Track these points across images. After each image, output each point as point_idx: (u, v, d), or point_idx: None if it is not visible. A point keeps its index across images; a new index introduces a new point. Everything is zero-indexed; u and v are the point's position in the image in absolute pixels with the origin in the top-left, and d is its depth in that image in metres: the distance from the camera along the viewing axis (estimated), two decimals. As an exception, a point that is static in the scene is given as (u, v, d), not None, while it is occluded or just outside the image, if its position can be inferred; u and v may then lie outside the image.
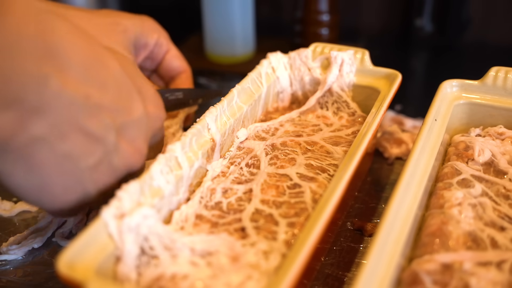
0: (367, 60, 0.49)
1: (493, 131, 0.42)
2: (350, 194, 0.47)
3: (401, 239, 0.29)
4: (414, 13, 0.85)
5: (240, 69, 0.72)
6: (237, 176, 0.40)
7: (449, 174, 0.38)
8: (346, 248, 0.42)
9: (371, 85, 0.48)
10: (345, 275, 0.39)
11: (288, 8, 0.89)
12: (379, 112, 0.41)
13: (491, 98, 0.44)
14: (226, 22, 0.73)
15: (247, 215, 0.35)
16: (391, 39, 0.89)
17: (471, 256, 0.31)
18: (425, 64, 0.85)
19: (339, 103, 0.48)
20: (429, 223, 0.34)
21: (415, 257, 0.31)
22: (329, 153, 0.42)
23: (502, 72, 0.44)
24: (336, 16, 0.76)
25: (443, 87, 0.44)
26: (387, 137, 0.55)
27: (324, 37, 0.76)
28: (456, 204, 0.34)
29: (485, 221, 0.34)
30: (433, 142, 0.38)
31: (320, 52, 0.50)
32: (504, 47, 0.83)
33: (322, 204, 0.32)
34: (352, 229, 0.44)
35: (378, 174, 0.52)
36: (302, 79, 0.50)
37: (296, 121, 0.48)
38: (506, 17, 0.82)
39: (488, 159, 0.39)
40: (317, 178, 0.38)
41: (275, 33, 0.86)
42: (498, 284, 0.29)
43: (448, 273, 0.29)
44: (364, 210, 0.46)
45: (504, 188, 0.36)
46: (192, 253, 0.32)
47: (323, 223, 0.30)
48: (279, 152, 0.42)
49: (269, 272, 0.31)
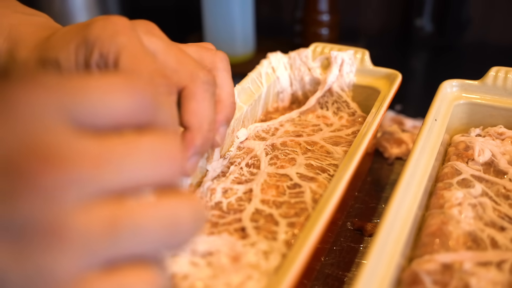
0: (367, 60, 0.49)
1: (493, 131, 0.42)
2: (350, 194, 0.47)
3: (401, 239, 0.29)
4: (414, 13, 0.85)
5: (240, 69, 0.71)
6: (237, 176, 0.40)
7: (449, 174, 0.38)
8: (346, 248, 0.42)
9: (371, 85, 0.48)
10: (345, 275, 0.39)
11: (288, 8, 0.89)
12: (379, 112, 0.41)
13: (491, 98, 0.44)
14: (226, 22, 0.73)
15: (247, 215, 0.35)
16: (391, 39, 0.89)
17: (471, 256, 0.31)
18: (425, 64, 0.85)
19: (339, 103, 0.48)
20: (429, 223, 0.34)
21: (415, 257, 0.31)
22: (329, 153, 0.42)
23: (502, 72, 0.44)
24: (336, 16, 0.76)
25: (443, 87, 0.44)
26: (387, 137, 0.55)
27: (324, 37, 0.76)
28: (456, 204, 0.34)
29: (485, 221, 0.34)
30: (433, 142, 0.38)
31: (320, 52, 0.50)
32: (504, 47, 0.83)
33: (322, 204, 0.32)
34: (352, 229, 0.44)
35: (378, 174, 0.52)
36: (302, 79, 0.50)
37: (296, 121, 0.48)
38: (506, 17, 0.82)
39: (488, 159, 0.39)
40: (317, 178, 0.38)
41: (275, 33, 0.87)
42: (498, 284, 0.29)
43: (448, 273, 0.29)
44: (364, 210, 0.46)
45: (504, 188, 0.36)
46: (193, 253, 0.32)
47: (323, 223, 0.30)
48: (279, 152, 0.42)
49: (269, 272, 0.31)
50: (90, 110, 0.20)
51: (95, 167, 0.18)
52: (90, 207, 0.18)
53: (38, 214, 0.17)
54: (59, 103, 0.19)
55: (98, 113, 0.20)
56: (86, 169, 0.18)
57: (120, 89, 0.20)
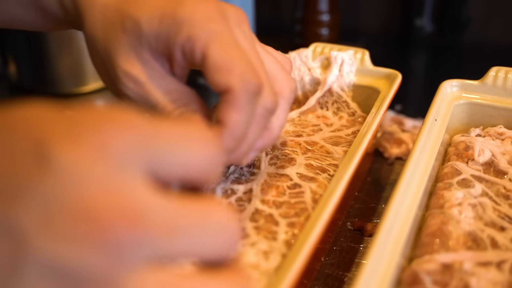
0: (367, 60, 0.49)
1: (493, 131, 0.42)
2: (350, 194, 0.47)
3: (401, 239, 0.29)
4: (414, 13, 0.85)
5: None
6: (237, 176, 0.40)
7: (449, 174, 0.38)
8: (346, 248, 0.42)
9: (371, 85, 0.48)
10: (345, 275, 0.39)
11: (288, 8, 0.89)
12: (379, 112, 0.41)
13: (491, 98, 0.44)
14: (226, 22, 0.73)
15: (247, 215, 0.35)
16: (391, 39, 0.89)
17: (471, 256, 0.31)
18: (425, 64, 0.85)
19: (339, 103, 0.48)
20: (429, 223, 0.34)
21: (415, 257, 0.31)
22: (329, 153, 0.42)
23: (502, 72, 0.44)
24: (336, 16, 0.76)
25: (443, 87, 0.44)
26: (387, 137, 0.55)
27: (324, 37, 0.76)
28: (456, 204, 0.34)
29: (485, 221, 0.34)
30: (433, 142, 0.38)
31: (320, 52, 0.50)
32: (504, 47, 0.83)
33: (322, 204, 0.32)
34: (352, 229, 0.44)
35: (378, 174, 0.52)
36: (302, 79, 0.50)
37: (296, 121, 0.48)
38: (506, 17, 0.82)
39: (488, 159, 0.39)
40: (317, 178, 0.38)
41: (275, 33, 0.87)
42: (498, 284, 0.29)
43: (448, 273, 0.29)
44: (364, 210, 0.46)
45: (504, 188, 0.36)
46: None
47: (323, 223, 0.30)
48: (279, 152, 0.42)
49: (269, 272, 0.31)
50: (169, 161, 0.19)
51: (167, 233, 0.18)
52: (150, 269, 0.18)
53: (100, 266, 0.17)
54: (142, 148, 0.19)
55: (176, 166, 0.20)
56: (159, 234, 0.18)
57: (202, 145, 0.20)
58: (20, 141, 0.18)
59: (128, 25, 0.32)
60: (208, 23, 0.30)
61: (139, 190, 0.18)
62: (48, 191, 0.17)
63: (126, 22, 0.32)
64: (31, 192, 0.17)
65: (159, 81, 0.32)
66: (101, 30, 0.33)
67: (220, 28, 0.30)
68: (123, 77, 0.32)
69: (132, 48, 0.32)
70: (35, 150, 0.18)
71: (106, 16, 0.33)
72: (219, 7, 0.31)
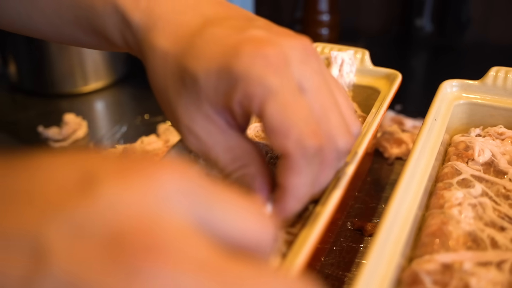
0: (367, 60, 0.49)
1: (493, 131, 0.42)
2: (350, 194, 0.47)
3: (401, 239, 0.29)
4: (414, 13, 0.85)
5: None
6: (237, 176, 0.40)
7: (449, 174, 0.38)
8: (346, 248, 0.42)
9: (371, 85, 0.48)
10: (345, 275, 0.39)
11: (288, 8, 0.89)
12: (379, 112, 0.41)
13: (491, 98, 0.44)
14: (226, 22, 0.73)
15: (247, 215, 0.35)
16: (391, 39, 0.89)
17: (471, 256, 0.31)
18: (425, 64, 0.85)
19: (339, 103, 0.48)
20: (429, 223, 0.34)
21: (415, 257, 0.31)
22: (329, 153, 0.42)
23: (502, 72, 0.44)
24: (336, 16, 0.76)
25: (443, 87, 0.44)
26: (387, 137, 0.55)
27: (324, 37, 0.76)
28: (456, 204, 0.34)
29: (485, 221, 0.34)
30: (433, 142, 0.38)
31: (320, 52, 0.50)
32: (504, 47, 0.83)
33: (322, 204, 0.32)
34: (352, 229, 0.44)
35: (378, 174, 0.52)
36: (302, 79, 0.50)
37: (296, 121, 0.48)
38: (506, 17, 0.82)
39: (488, 159, 0.39)
40: (317, 178, 0.38)
41: (275, 33, 0.86)
42: (498, 284, 0.29)
43: (448, 273, 0.29)
44: (364, 210, 0.46)
45: (504, 188, 0.36)
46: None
47: (323, 223, 0.30)
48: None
49: (269, 272, 0.31)
50: (220, 218, 0.19)
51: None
52: None
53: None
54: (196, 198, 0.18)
55: (225, 225, 0.19)
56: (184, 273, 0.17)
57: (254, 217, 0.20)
58: (68, 168, 0.18)
59: (187, 80, 0.31)
60: (264, 78, 0.28)
61: (182, 231, 0.17)
62: (84, 215, 0.17)
63: (186, 76, 0.31)
64: (67, 214, 0.17)
65: (220, 136, 0.31)
66: (163, 79, 0.32)
67: (277, 83, 0.28)
68: (185, 132, 0.32)
69: (193, 102, 0.31)
70: (81, 177, 0.18)
71: (167, 67, 0.32)
72: (281, 49, 0.29)
